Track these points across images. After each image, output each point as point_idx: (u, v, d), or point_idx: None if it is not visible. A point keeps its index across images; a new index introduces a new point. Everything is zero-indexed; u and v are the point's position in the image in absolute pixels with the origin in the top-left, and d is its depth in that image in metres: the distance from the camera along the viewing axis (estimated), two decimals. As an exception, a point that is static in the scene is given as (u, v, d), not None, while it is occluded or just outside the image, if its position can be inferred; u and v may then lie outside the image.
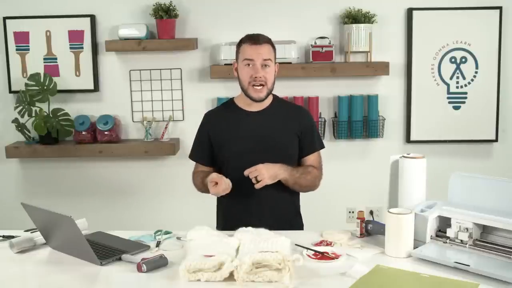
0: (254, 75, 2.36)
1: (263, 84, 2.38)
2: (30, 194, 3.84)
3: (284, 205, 2.49)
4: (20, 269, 1.98)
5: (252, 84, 2.38)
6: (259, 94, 2.39)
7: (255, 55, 2.36)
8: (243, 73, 2.41)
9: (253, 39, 2.41)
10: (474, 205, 1.98)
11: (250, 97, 2.41)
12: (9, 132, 3.76)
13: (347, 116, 3.70)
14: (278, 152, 2.38)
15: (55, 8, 3.70)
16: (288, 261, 1.73)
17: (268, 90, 2.41)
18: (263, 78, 2.37)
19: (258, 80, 2.37)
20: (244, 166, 2.33)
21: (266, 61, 2.38)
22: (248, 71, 2.38)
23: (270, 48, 2.42)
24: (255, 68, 2.37)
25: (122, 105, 3.79)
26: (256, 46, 2.38)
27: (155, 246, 2.09)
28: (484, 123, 3.74)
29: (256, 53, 2.37)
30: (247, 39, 2.43)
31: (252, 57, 2.37)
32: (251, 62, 2.37)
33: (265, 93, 2.40)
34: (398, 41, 3.73)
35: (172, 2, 3.62)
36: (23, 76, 3.73)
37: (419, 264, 1.88)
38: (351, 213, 3.80)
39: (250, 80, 2.37)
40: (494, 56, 3.69)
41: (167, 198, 3.84)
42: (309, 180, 2.44)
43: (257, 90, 2.38)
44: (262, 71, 2.37)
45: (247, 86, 2.40)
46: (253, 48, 2.38)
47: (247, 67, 2.38)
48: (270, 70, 2.40)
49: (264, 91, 2.39)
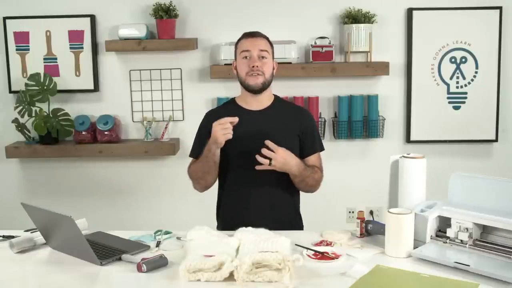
0: (251, 64, 2.39)
1: (260, 74, 2.40)
2: (30, 194, 3.84)
3: (285, 205, 2.49)
4: (20, 269, 1.98)
5: (249, 74, 2.40)
6: (256, 81, 2.40)
7: (252, 46, 2.41)
8: (240, 66, 2.43)
9: (249, 33, 2.48)
10: (474, 205, 1.98)
11: (248, 86, 2.42)
12: (9, 132, 3.76)
13: (347, 116, 3.71)
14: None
15: (55, 8, 3.70)
16: (288, 261, 1.73)
17: (265, 80, 2.42)
18: (260, 68, 2.39)
19: (255, 70, 2.39)
20: (245, 166, 2.33)
21: (262, 52, 2.41)
22: (246, 62, 2.41)
23: (266, 42, 2.46)
24: (252, 58, 2.40)
25: (122, 105, 3.79)
26: (252, 38, 2.44)
27: (155, 246, 2.09)
28: (484, 123, 3.74)
29: (252, 44, 2.41)
30: (244, 35, 2.49)
31: (248, 48, 2.41)
32: (248, 53, 2.40)
33: (261, 81, 2.41)
34: (398, 41, 3.73)
35: (172, 2, 3.62)
36: (23, 76, 3.73)
37: (419, 264, 1.88)
38: (351, 213, 3.80)
39: (248, 70, 2.40)
40: (494, 56, 3.69)
41: (167, 198, 3.85)
42: (315, 180, 2.45)
43: (254, 77, 2.40)
44: (259, 61, 2.39)
45: (244, 77, 2.42)
46: (249, 41, 2.44)
47: (244, 59, 2.41)
48: (268, 62, 2.42)
49: (261, 79, 2.40)
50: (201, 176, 2.45)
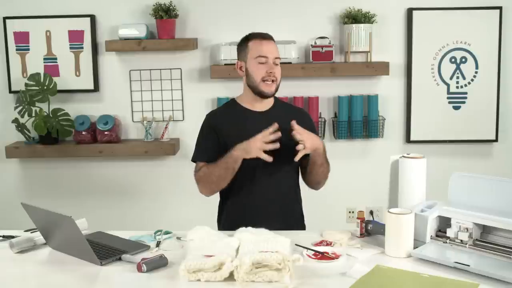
0: (269, 70, 2.39)
1: (274, 80, 2.42)
2: (30, 194, 3.84)
3: (290, 206, 2.49)
4: (20, 269, 1.98)
5: (265, 80, 2.40)
6: (271, 89, 2.42)
7: (269, 53, 2.40)
8: (255, 70, 2.41)
9: (262, 35, 2.45)
10: (474, 205, 1.98)
11: (261, 92, 2.42)
12: (9, 132, 3.76)
13: (347, 116, 3.71)
14: (282, 153, 2.35)
15: (55, 8, 3.70)
16: (288, 261, 1.73)
17: (277, 86, 2.45)
18: (276, 75, 2.41)
19: (272, 76, 2.40)
20: (248, 167, 2.33)
21: (276, 59, 2.43)
22: (263, 68, 2.40)
23: (277, 46, 2.46)
24: (269, 64, 2.40)
25: (122, 105, 3.79)
26: (268, 42, 2.43)
27: (155, 246, 2.09)
28: (484, 123, 3.74)
29: (270, 51, 2.41)
30: (256, 35, 2.46)
31: (266, 54, 2.40)
32: (265, 59, 2.40)
33: (274, 89, 2.44)
34: (398, 41, 3.73)
35: (172, 2, 3.62)
36: (23, 76, 3.73)
37: (419, 264, 1.88)
38: (351, 213, 3.80)
39: (265, 76, 2.39)
40: (494, 56, 3.69)
41: (167, 198, 3.84)
42: (328, 170, 2.49)
43: (269, 85, 2.41)
44: (274, 68, 2.41)
45: (258, 82, 2.40)
46: (265, 45, 2.42)
47: (261, 64, 2.40)
48: (279, 68, 2.44)
49: (274, 86, 2.43)
50: (215, 181, 2.40)
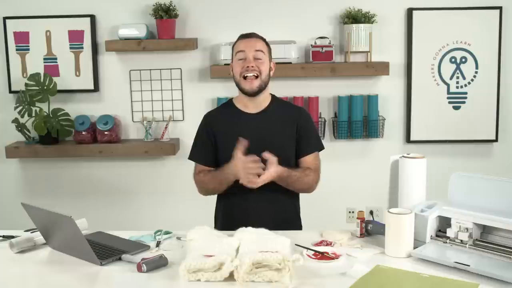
0: (246, 65, 2.36)
1: (256, 76, 2.36)
2: (30, 194, 3.84)
3: (284, 207, 2.48)
4: (20, 269, 1.98)
5: (244, 76, 2.36)
6: (251, 85, 2.36)
7: (247, 47, 2.38)
8: (235, 67, 2.41)
9: (245, 35, 2.45)
10: (474, 205, 1.98)
11: (243, 89, 2.40)
12: (9, 132, 3.76)
13: (347, 116, 3.70)
14: (275, 154, 2.34)
15: (55, 8, 3.70)
16: (288, 261, 1.73)
17: (261, 82, 2.38)
18: (256, 68, 2.35)
19: (250, 70, 2.35)
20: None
21: (257, 52, 2.37)
22: (240, 63, 2.38)
23: (262, 42, 2.43)
24: (247, 59, 2.36)
25: (122, 105, 3.79)
26: (248, 39, 2.42)
27: (155, 246, 2.09)
28: (484, 123, 3.74)
29: (248, 45, 2.38)
30: (239, 36, 2.47)
31: (244, 49, 2.38)
32: (243, 54, 2.37)
33: (257, 85, 2.37)
34: (398, 41, 3.73)
35: (172, 2, 3.62)
36: (23, 76, 3.73)
37: (419, 264, 1.88)
38: (351, 213, 3.80)
39: (242, 71, 2.36)
40: (494, 56, 3.69)
41: (167, 198, 3.84)
42: (305, 183, 2.41)
43: (249, 81, 2.36)
44: (254, 62, 2.36)
45: (239, 79, 2.39)
46: (244, 41, 2.41)
47: (240, 60, 2.38)
48: (264, 62, 2.39)
49: (256, 82, 2.37)
50: (211, 189, 2.47)
